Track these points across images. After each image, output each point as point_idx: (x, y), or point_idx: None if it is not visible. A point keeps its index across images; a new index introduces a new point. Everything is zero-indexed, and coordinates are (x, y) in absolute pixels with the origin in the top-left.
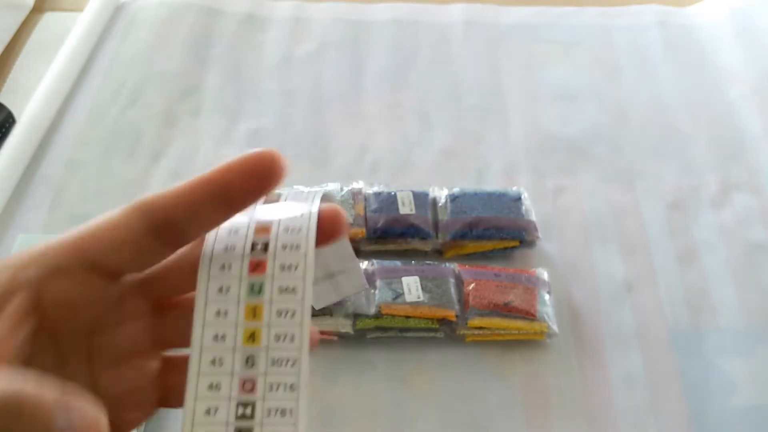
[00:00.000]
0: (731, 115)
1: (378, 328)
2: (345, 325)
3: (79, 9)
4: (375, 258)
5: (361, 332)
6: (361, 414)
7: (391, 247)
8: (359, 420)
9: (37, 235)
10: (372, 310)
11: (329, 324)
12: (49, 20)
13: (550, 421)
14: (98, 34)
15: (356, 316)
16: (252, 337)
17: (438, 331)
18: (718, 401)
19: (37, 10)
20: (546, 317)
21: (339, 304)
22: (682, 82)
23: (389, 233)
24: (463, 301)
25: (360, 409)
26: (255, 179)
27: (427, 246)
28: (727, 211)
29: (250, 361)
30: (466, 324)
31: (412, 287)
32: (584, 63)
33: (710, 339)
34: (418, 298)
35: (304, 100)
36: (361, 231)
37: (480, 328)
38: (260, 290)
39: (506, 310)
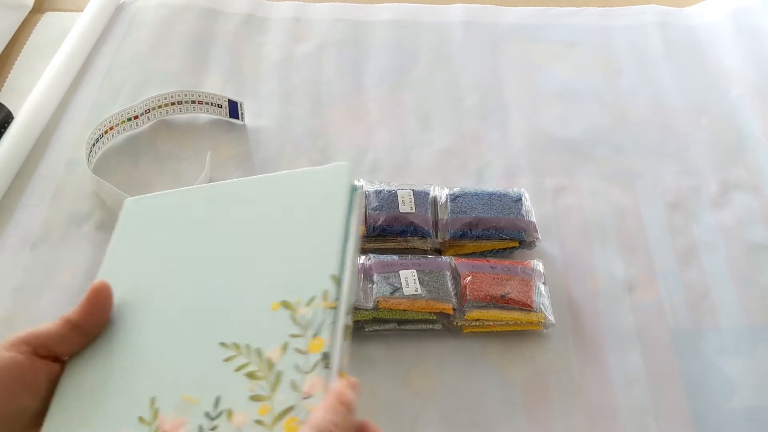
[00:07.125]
0: (731, 115)
1: (376, 320)
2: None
3: (79, 9)
4: None
5: (359, 324)
6: (360, 412)
7: (390, 245)
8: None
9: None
10: (370, 304)
11: None
12: (48, 20)
13: (550, 420)
14: (98, 34)
15: (354, 310)
16: None
17: (435, 322)
18: (718, 401)
19: (37, 10)
20: (542, 308)
21: None
22: (682, 82)
23: (389, 231)
24: (460, 294)
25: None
26: (93, 314)
27: (426, 245)
28: (727, 211)
29: None
30: (464, 316)
31: (409, 280)
32: (584, 63)
33: (710, 339)
34: (416, 291)
35: (304, 100)
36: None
37: (478, 320)
38: None
39: (503, 302)
